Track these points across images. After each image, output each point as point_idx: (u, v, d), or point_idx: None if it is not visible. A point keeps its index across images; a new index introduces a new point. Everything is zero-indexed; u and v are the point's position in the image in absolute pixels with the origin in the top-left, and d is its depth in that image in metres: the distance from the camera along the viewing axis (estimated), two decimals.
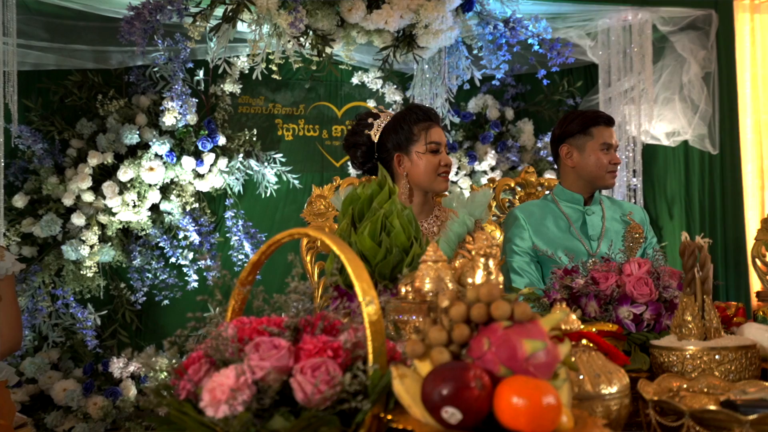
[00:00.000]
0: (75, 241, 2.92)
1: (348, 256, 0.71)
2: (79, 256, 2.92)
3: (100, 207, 2.98)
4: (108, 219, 2.99)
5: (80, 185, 2.91)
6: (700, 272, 0.91)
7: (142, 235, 3.11)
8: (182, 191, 3.14)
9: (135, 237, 3.13)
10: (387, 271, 0.94)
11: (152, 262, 3.13)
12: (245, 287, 0.80)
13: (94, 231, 2.95)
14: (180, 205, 3.13)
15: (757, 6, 3.89)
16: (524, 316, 0.64)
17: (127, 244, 3.11)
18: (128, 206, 3.00)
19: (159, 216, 3.14)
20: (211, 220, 3.24)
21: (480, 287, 0.66)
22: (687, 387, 0.81)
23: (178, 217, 3.14)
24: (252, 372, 0.64)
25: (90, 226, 2.96)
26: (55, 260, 2.95)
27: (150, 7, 2.47)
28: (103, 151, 3.00)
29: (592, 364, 0.74)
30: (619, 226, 1.78)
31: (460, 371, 0.59)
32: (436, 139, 1.63)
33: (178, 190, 3.14)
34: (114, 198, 2.96)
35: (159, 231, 3.12)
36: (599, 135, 1.79)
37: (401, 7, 2.73)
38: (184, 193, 3.14)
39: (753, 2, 3.86)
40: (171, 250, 3.14)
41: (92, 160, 2.94)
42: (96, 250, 2.97)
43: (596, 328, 0.93)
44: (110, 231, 3.01)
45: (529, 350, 0.61)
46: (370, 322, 0.68)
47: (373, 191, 0.96)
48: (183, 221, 3.13)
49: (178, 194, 3.13)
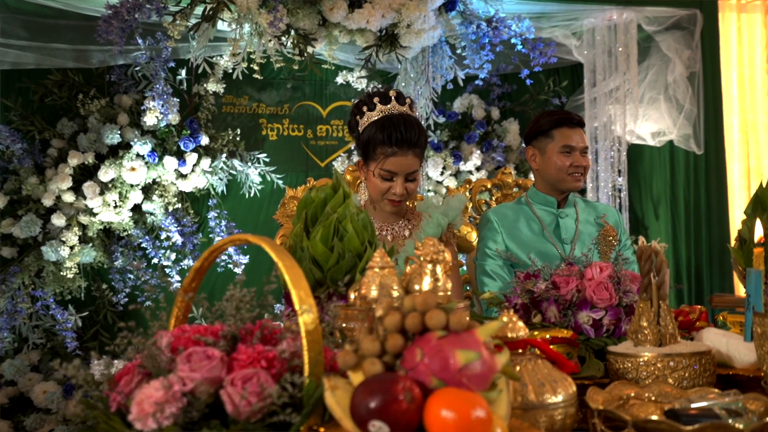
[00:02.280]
0: (55, 241, 2.90)
1: (286, 263, 0.70)
2: (59, 257, 2.89)
3: (81, 207, 2.95)
4: (89, 219, 2.96)
5: (60, 185, 2.88)
6: (656, 277, 0.90)
7: (124, 236, 3.09)
8: (165, 191, 3.12)
9: (117, 238, 3.11)
10: (340, 276, 0.92)
11: (134, 262, 3.11)
12: (188, 294, 0.78)
13: (74, 232, 2.92)
14: (162, 206, 3.11)
15: (743, 5, 3.89)
16: (459, 326, 0.62)
17: (108, 245, 3.09)
18: (109, 207, 2.97)
19: (141, 216, 3.12)
20: (194, 220, 3.22)
21: (416, 296, 0.64)
22: (637, 395, 0.80)
23: (160, 218, 3.12)
24: (182, 383, 0.63)
25: (70, 226, 2.93)
26: (35, 261, 2.92)
27: (128, 6, 2.45)
28: (83, 151, 2.97)
29: (537, 373, 0.73)
30: (593, 228, 1.77)
31: (388, 383, 0.58)
32: (392, 168, 1.56)
33: (161, 191, 3.12)
34: (95, 198, 2.93)
35: (141, 231, 3.10)
36: (560, 137, 1.77)
37: (383, 7, 2.72)
38: (166, 194, 3.12)
39: (740, 2, 3.86)
40: (153, 251, 3.12)
41: (73, 160, 2.92)
42: (77, 251, 2.94)
43: (550, 335, 0.92)
44: (91, 232, 2.99)
45: (462, 361, 0.60)
46: (307, 331, 0.66)
47: (327, 195, 0.94)
48: (165, 222, 3.11)
49: (160, 194, 3.11)
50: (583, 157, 1.77)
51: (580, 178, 1.77)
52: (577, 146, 1.76)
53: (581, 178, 1.77)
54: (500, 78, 3.60)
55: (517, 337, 0.76)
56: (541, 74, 3.55)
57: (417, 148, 1.60)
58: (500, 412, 0.63)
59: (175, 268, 3.12)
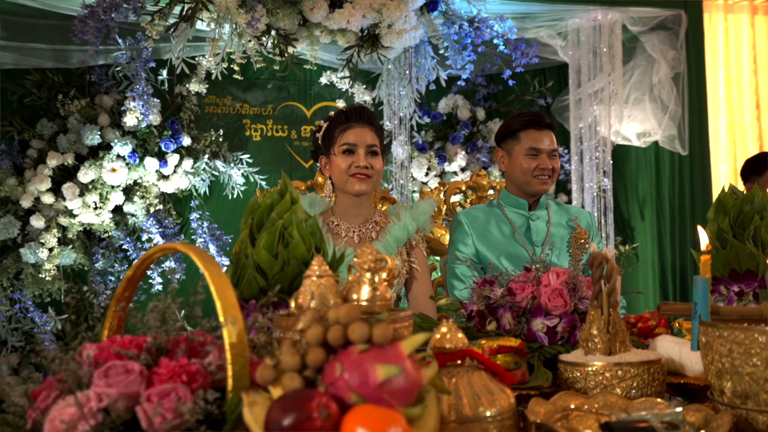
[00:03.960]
0: (34, 243, 2.87)
1: (212, 272, 0.68)
2: (38, 259, 2.87)
3: (61, 209, 2.93)
4: (69, 221, 2.94)
5: (39, 187, 2.86)
6: (606, 284, 0.88)
7: (105, 238, 3.06)
8: (146, 192, 3.10)
9: (98, 239, 3.08)
10: (285, 284, 0.90)
11: (115, 264, 3.09)
12: (120, 304, 0.76)
13: (53, 233, 2.90)
14: (144, 207, 3.08)
15: (730, 6, 3.88)
16: (383, 339, 0.60)
17: (89, 247, 3.06)
18: (89, 208, 2.95)
19: (123, 218, 3.10)
20: (177, 221, 3.19)
21: (340, 308, 0.62)
22: (581, 406, 0.78)
23: (141, 219, 3.09)
24: (98, 399, 0.61)
25: (50, 228, 2.91)
26: (13, 263, 2.90)
27: (104, 6, 2.42)
28: (63, 152, 2.95)
29: (473, 385, 0.71)
30: (565, 231, 1.75)
31: (302, 400, 0.56)
32: (351, 140, 1.61)
33: (142, 192, 3.10)
34: (74, 200, 2.91)
35: (122, 233, 3.08)
36: (526, 139, 1.75)
37: (363, 7, 2.70)
38: (148, 195, 3.10)
39: (726, 2, 3.85)
40: (135, 253, 3.10)
41: (52, 161, 2.89)
42: (56, 253, 2.92)
43: (498, 343, 0.90)
44: (71, 233, 2.97)
45: (382, 376, 0.58)
46: (231, 344, 0.64)
47: (273, 200, 0.92)
48: (146, 223, 3.09)
49: (141, 196, 3.09)
50: (551, 160, 1.75)
51: (546, 181, 1.75)
52: (544, 149, 1.74)
53: (548, 181, 1.75)
54: (486, 78, 3.58)
55: (455, 347, 0.74)
56: (526, 75, 3.54)
57: (373, 126, 1.65)
58: (427, 427, 0.61)
59: (156, 270, 3.09)
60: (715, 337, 0.74)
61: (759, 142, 3.94)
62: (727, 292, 1.11)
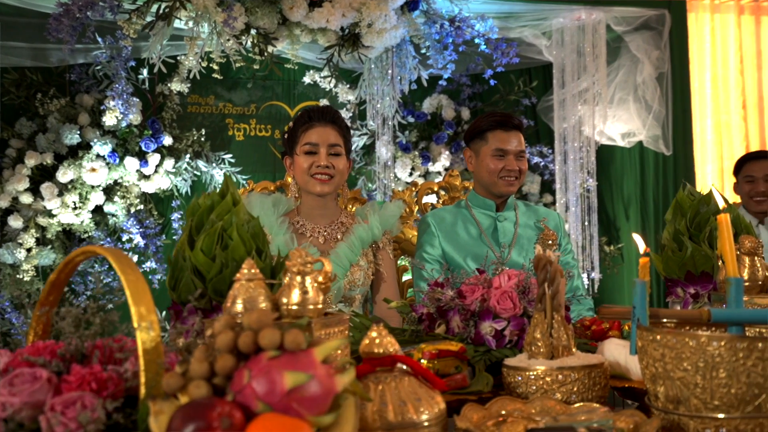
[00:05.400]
0: (12, 243, 2.85)
1: (129, 276, 0.66)
2: (16, 260, 2.85)
3: (39, 209, 2.91)
4: (47, 221, 2.92)
5: (17, 186, 2.83)
6: (550, 287, 0.87)
7: (85, 238, 3.04)
8: (127, 192, 3.08)
9: (78, 239, 3.06)
10: (223, 287, 0.89)
11: (95, 265, 3.07)
12: (44, 308, 0.75)
13: (31, 234, 2.88)
14: (124, 207, 3.06)
15: (717, 6, 3.87)
16: (294, 346, 0.59)
17: (69, 247, 3.04)
18: (68, 208, 2.93)
19: (103, 218, 3.08)
20: (158, 222, 3.17)
21: (252, 313, 0.61)
22: (518, 411, 0.77)
23: (122, 219, 3.07)
24: (2, 408, 0.59)
25: (28, 228, 2.89)
26: None
27: (80, 4, 2.40)
28: (42, 151, 2.93)
29: (400, 391, 0.69)
30: (533, 232, 1.73)
31: (203, 409, 0.54)
32: (312, 139, 1.59)
33: (123, 192, 3.08)
34: (53, 200, 2.89)
35: (103, 233, 3.06)
36: (493, 140, 1.74)
37: (343, 5, 2.68)
38: (128, 195, 3.08)
39: (713, 2, 3.84)
40: None
41: (30, 160, 2.87)
42: (34, 254, 2.90)
43: (438, 348, 0.88)
44: (50, 233, 2.94)
45: (290, 383, 0.56)
46: (145, 350, 0.63)
47: (214, 201, 0.91)
48: (127, 223, 3.07)
49: (122, 196, 3.07)
50: (518, 161, 1.73)
51: (513, 182, 1.73)
52: (511, 150, 1.73)
53: (515, 183, 1.74)
54: (471, 78, 3.57)
55: (384, 352, 0.73)
56: (511, 74, 3.52)
57: (336, 125, 1.64)
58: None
59: None
60: (648, 341, 0.72)
61: (745, 142, 3.93)
62: (684, 294, 1.09)
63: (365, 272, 1.58)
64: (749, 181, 2.89)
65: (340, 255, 1.54)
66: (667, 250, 1.12)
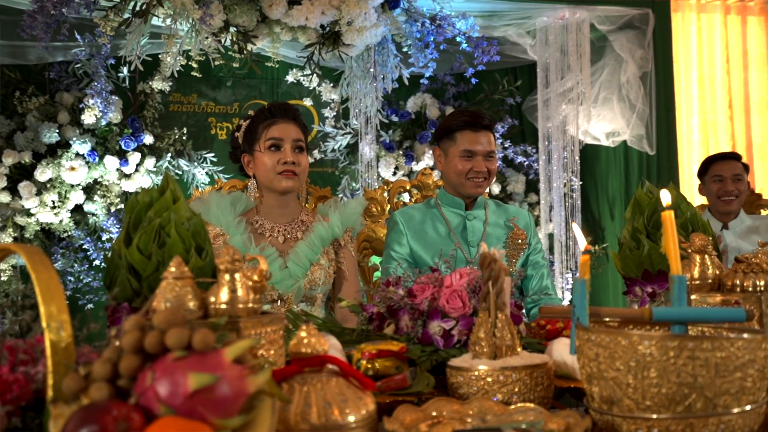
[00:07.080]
0: None
1: (41, 275, 0.64)
2: None
3: (18, 208, 2.88)
4: (26, 220, 2.89)
5: None
6: (494, 286, 0.85)
7: (65, 237, 3.02)
8: (107, 191, 3.05)
9: (57, 239, 3.04)
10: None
11: (75, 264, 3.04)
12: None
13: (9, 233, 2.85)
14: (104, 206, 3.04)
15: (703, 5, 3.86)
16: (202, 346, 0.57)
17: (48, 246, 3.02)
18: (47, 207, 2.90)
19: (83, 217, 3.05)
20: None
21: (160, 312, 0.59)
22: (453, 413, 0.75)
23: (102, 218, 3.05)
24: None
25: (5, 227, 2.86)
26: None
27: (54, 0, 2.38)
28: (20, 150, 2.90)
29: (326, 392, 0.67)
30: (502, 231, 1.71)
31: (99, 413, 0.52)
32: (276, 135, 1.57)
33: (103, 191, 3.05)
34: (31, 199, 2.86)
35: (83, 233, 3.03)
36: (462, 141, 1.71)
37: (323, 3, 2.66)
38: (109, 194, 3.05)
39: (699, 2, 3.83)
40: (95, 253, 3.06)
41: (7, 159, 2.85)
42: None
43: (378, 348, 0.86)
44: (29, 233, 2.92)
45: (193, 385, 0.54)
46: (54, 351, 0.61)
47: (153, 198, 0.89)
48: (107, 223, 3.04)
49: (102, 195, 3.05)
50: (487, 162, 1.71)
51: (481, 184, 1.71)
52: (480, 151, 1.70)
53: (483, 184, 1.71)
54: (455, 77, 3.55)
55: (312, 352, 0.71)
56: (496, 73, 3.51)
57: (297, 122, 1.62)
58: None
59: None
60: (584, 340, 0.71)
61: (731, 141, 3.92)
62: (642, 293, 1.08)
63: (326, 271, 1.55)
64: (718, 180, 2.88)
65: (300, 254, 1.52)
66: (625, 249, 1.11)
